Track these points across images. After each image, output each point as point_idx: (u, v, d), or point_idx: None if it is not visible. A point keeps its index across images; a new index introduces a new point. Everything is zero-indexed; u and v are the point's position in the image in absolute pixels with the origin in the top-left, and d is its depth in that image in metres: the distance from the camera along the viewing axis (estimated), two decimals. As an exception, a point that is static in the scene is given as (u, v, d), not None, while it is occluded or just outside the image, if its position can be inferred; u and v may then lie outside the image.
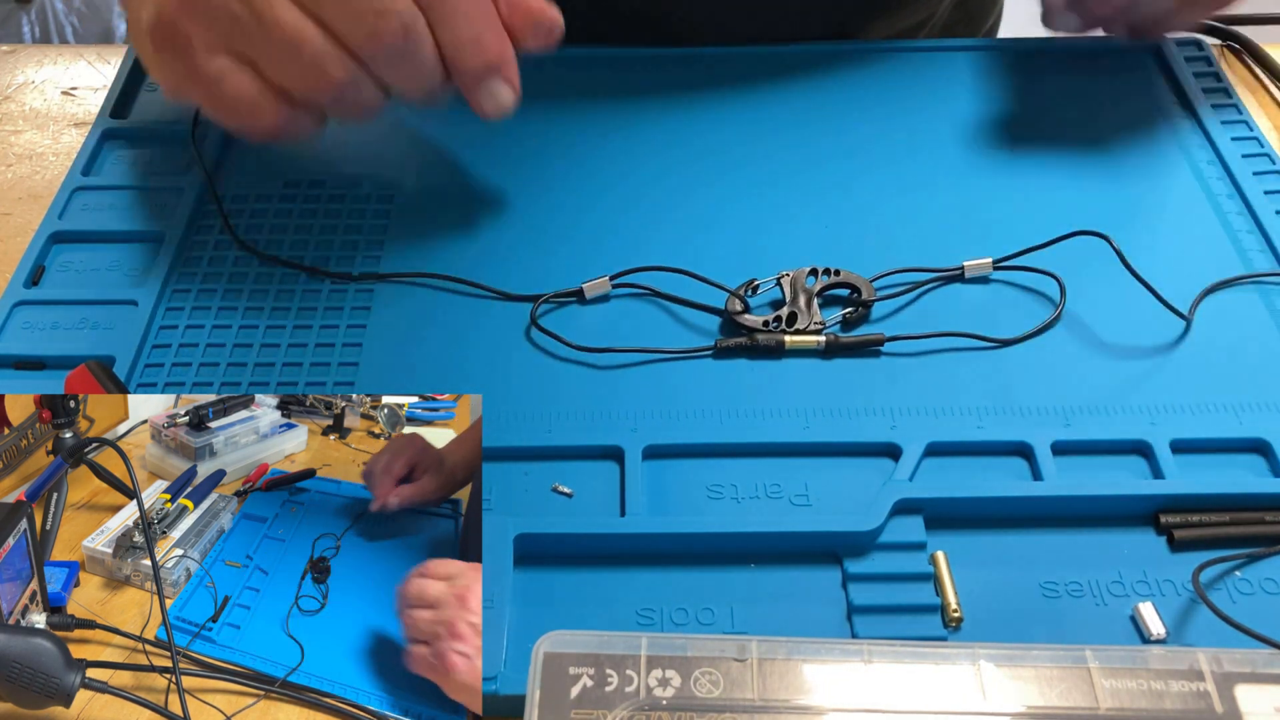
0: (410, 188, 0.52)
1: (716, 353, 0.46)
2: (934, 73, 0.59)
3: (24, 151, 0.57)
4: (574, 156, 0.54)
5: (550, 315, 0.47)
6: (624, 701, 0.32)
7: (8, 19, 1.95)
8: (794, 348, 0.45)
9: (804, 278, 0.47)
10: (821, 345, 0.45)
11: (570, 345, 0.46)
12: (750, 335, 0.46)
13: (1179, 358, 0.46)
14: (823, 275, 0.48)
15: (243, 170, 0.53)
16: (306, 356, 0.45)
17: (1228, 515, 0.40)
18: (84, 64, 0.62)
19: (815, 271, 0.48)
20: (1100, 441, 0.42)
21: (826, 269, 0.48)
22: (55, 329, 0.46)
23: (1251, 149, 0.54)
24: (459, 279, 0.48)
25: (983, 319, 0.47)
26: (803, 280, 0.47)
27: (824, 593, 0.39)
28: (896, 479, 0.41)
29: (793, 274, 0.47)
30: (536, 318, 0.46)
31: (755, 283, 0.47)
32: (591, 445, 0.42)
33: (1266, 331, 0.46)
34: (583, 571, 0.39)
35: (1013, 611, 0.38)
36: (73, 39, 1.96)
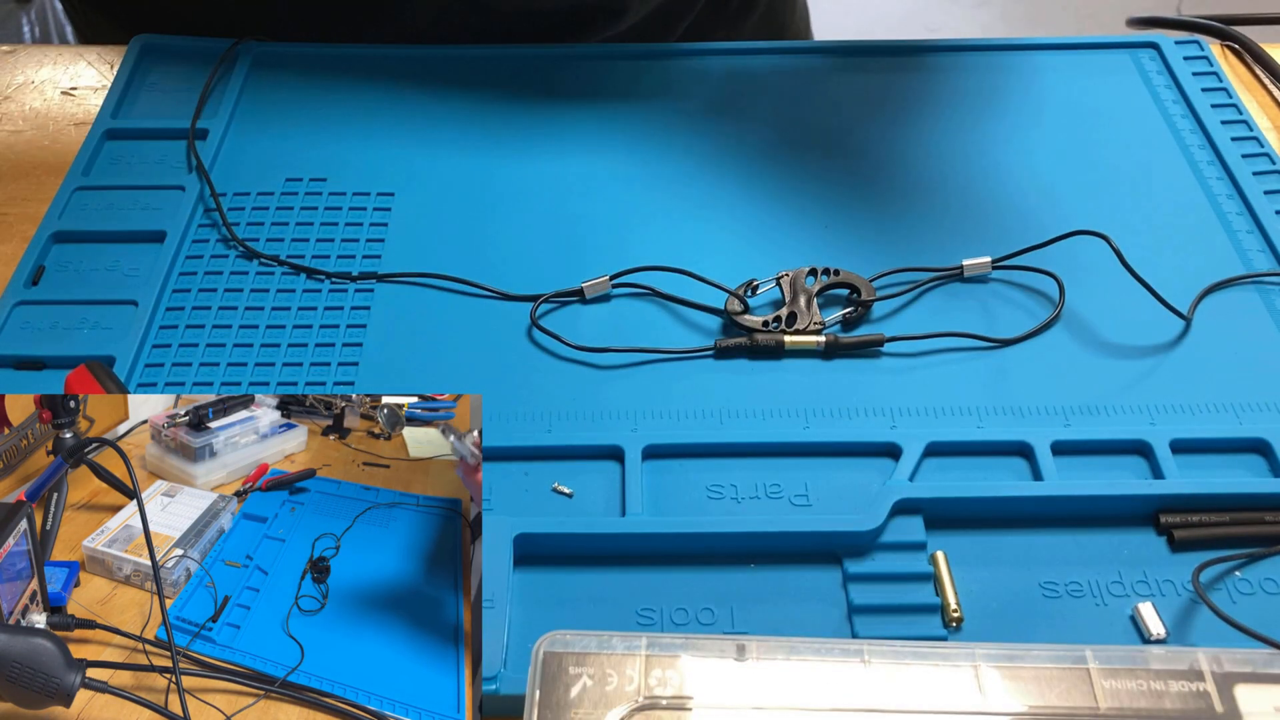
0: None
1: (717, 353, 0.45)
2: (935, 74, 0.59)
3: (24, 151, 0.57)
4: (572, 155, 0.54)
5: (550, 315, 0.47)
6: (624, 701, 0.32)
7: (8, 19, 1.95)
8: (794, 348, 0.45)
9: (803, 278, 0.47)
10: (821, 345, 0.45)
11: (570, 345, 0.46)
12: (750, 335, 0.46)
13: (1179, 358, 0.46)
14: (822, 275, 0.48)
15: (243, 169, 0.53)
16: (306, 356, 0.46)
17: (1228, 515, 0.40)
18: (84, 64, 0.62)
19: (815, 271, 0.48)
20: (1100, 441, 0.42)
21: (826, 269, 0.48)
22: (55, 329, 0.46)
23: (1251, 149, 0.54)
24: (459, 279, 0.48)
25: (982, 319, 0.47)
26: (802, 280, 0.47)
27: (824, 593, 0.39)
28: (896, 479, 0.41)
29: (792, 274, 0.47)
30: (536, 318, 0.46)
31: (755, 283, 0.47)
32: (591, 445, 0.42)
33: (1266, 331, 0.46)
34: (583, 571, 0.39)
35: (1013, 611, 0.38)
36: (73, 39, 1.96)
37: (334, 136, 0.55)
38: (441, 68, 0.58)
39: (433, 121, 0.56)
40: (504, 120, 0.56)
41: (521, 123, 0.56)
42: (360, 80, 0.58)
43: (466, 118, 0.56)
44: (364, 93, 0.57)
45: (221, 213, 0.51)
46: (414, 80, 0.58)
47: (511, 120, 0.56)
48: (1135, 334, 0.46)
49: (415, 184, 0.53)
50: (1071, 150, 0.54)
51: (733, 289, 0.47)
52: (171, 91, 0.57)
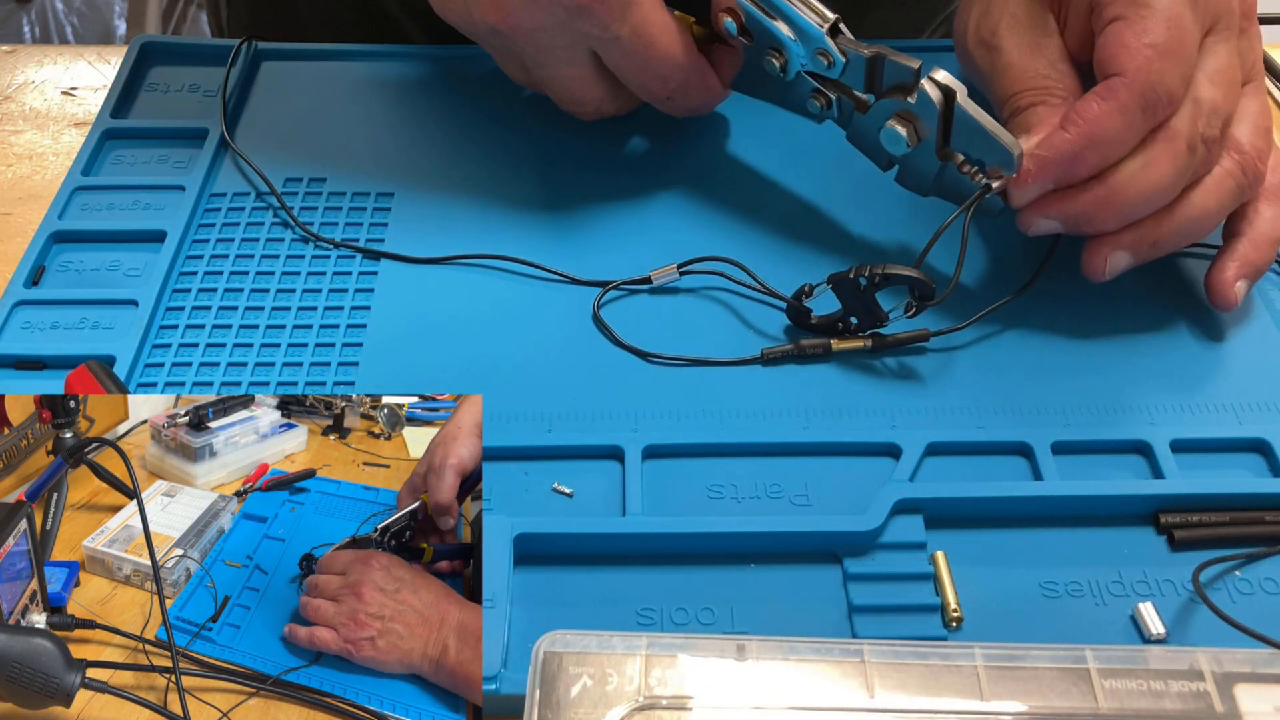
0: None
1: (764, 361, 0.45)
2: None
3: (24, 151, 0.57)
4: (579, 155, 0.54)
5: (612, 304, 0.47)
6: (624, 701, 0.32)
7: (8, 19, 1.95)
8: (841, 350, 0.45)
9: (855, 277, 0.44)
10: (869, 346, 0.45)
11: (625, 346, 0.46)
12: (797, 344, 0.45)
13: (1179, 358, 0.46)
14: (869, 274, 0.44)
15: (243, 169, 0.53)
16: (306, 356, 0.46)
17: (1228, 515, 0.40)
18: (84, 64, 0.62)
19: (863, 270, 0.44)
20: (1100, 441, 0.42)
21: (871, 269, 0.44)
22: (55, 329, 0.46)
23: (1251, 149, 0.54)
24: (486, 258, 0.48)
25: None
26: (852, 281, 0.45)
27: (824, 593, 0.39)
28: (896, 479, 0.41)
29: (842, 275, 0.45)
30: (600, 306, 0.47)
31: (807, 287, 0.46)
32: (591, 445, 0.42)
33: (1266, 331, 0.47)
34: (583, 571, 0.39)
35: (1013, 611, 0.38)
36: (73, 39, 1.96)
37: (334, 136, 0.55)
38: (442, 67, 0.58)
39: (433, 121, 0.56)
40: (505, 120, 0.56)
41: (522, 122, 0.56)
42: (360, 80, 0.58)
43: (467, 117, 0.56)
44: (364, 92, 0.57)
45: (279, 198, 0.51)
46: (414, 80, 0.58)
47: (512, 120, 0.56)
48: (1135, 334, 0.46)
49: (415, 184, 0.53)
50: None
51: (789, 296, 0.46)
52: (171, 91, 0.57)
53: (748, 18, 0.48)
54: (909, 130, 0.46)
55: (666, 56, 0.48)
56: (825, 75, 0.47)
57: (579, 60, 0.49)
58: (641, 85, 0.50)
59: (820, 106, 0.49)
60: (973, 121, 0.44)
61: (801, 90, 0.49)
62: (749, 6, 0.47)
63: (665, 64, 0.48)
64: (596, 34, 0.47)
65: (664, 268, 0.48)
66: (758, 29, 0.48)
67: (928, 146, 0.46)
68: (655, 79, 0.49)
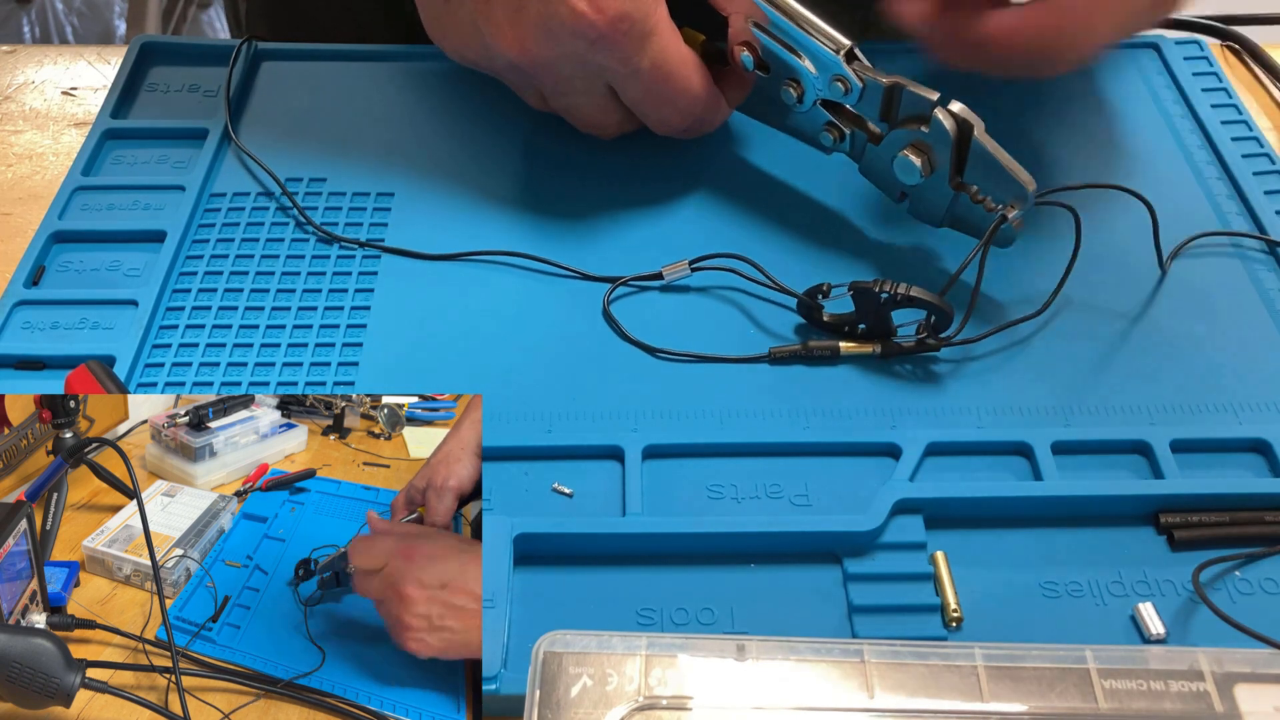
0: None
1: (772, 360, 0.45)
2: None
3: (24, 151, 0.57)
4: (580, 155, 0.54)
5: (621, 300, 0.47)
6: (624, 701, 0.32)
7: (8, 19, 1.95)
8: (849, 353, 0.45)
9: (875, 290, 0.44)
10: (877, 350, 0.45)
11: (636, 343, 0.46)
12: (805, 345, 0.45)
13: (1179, 358, 0.46)
14: (892, 290, 0.44)
15: (243, 169, 0.53)
16: (306, 356, 0.46)
17: (1228, 515, 0.40)
18: (84, 64, 0.62)
19: (886, 285, 0.44)
20: (1100, 441, 0.42)
21: (895, 286, 0.44)
22: (55, 329, 0.46)
23: (1251, 149, 0.54)
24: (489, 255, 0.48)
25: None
26: (874, 294, 0.44)
27: (824, 593, 0.39)
28: (896, 479, 0.41)
29: (865, 285, 0.44)
30: (609, 302, 0.47)
31: (826, 286, 0.46)
32: (591, 445, 0.42)
33: (1266, 331, 0.47)
34: (583, 571, 0.39)
35: (1013, 611, 0.38)
36: (73, 39, 1.96)
37: (334, 136, 0.55)
38: (442, 66, 0.58)
39: (434, 121, 0.56)
40: (507, 119, 0.56)
41: (523, 122, 0.56)
42: (360, 80, 0.58)
43: (468, 116, 0.56)
44: (364, 92, 0.57)
45: (293, 199, 0.51)
46: (415, 79, 0.58)
47: (516, 119, 0.56)
48: (1135, 334, 0.46)
49: (415, 184, 0.53)
50: (1072, 150, 0.54)
51: (802, 293, 0.46)
52: (171, 91, 0.57)
53: (764, 50, 0.48)
54: (923, 161, 0.46)
55: (685, 89, 0.48)
56: (842, 103, 0.47)
57: (597, 89, 0.49)
58: (660, 120, 0.50)
59: (833, 139, 0.49)
60: (989, 156, 0.44)
61: (815, 121, 0.49)
62: (766, 40, 0.47)
63: (684, 97, 0.48)
64: (616, 67, 0.47)
65: (676, 264, 0.48)
66: (774, 61, 0.48)
67: (940, 177, 0.46)
68: (675, 112, 0.49)
